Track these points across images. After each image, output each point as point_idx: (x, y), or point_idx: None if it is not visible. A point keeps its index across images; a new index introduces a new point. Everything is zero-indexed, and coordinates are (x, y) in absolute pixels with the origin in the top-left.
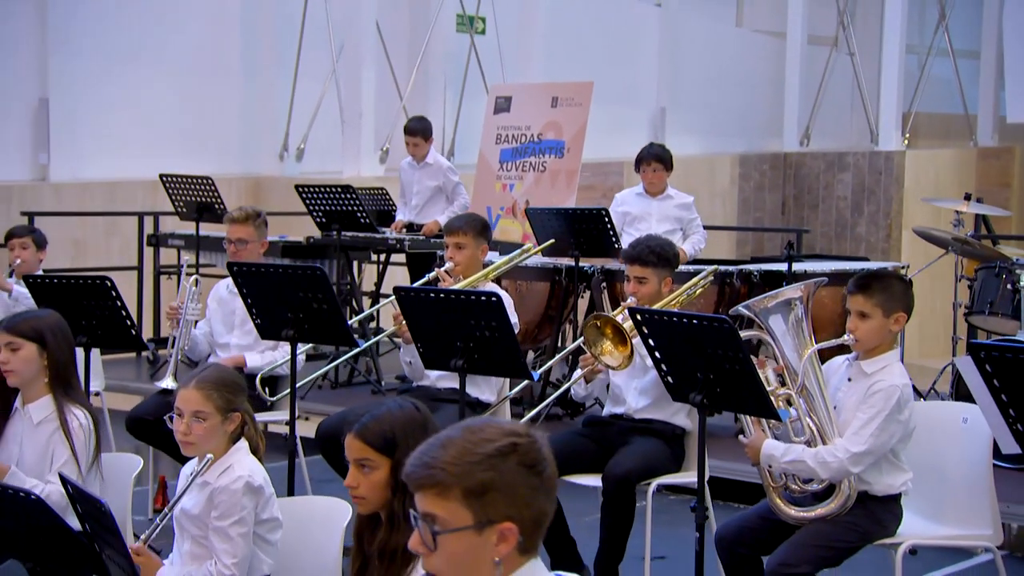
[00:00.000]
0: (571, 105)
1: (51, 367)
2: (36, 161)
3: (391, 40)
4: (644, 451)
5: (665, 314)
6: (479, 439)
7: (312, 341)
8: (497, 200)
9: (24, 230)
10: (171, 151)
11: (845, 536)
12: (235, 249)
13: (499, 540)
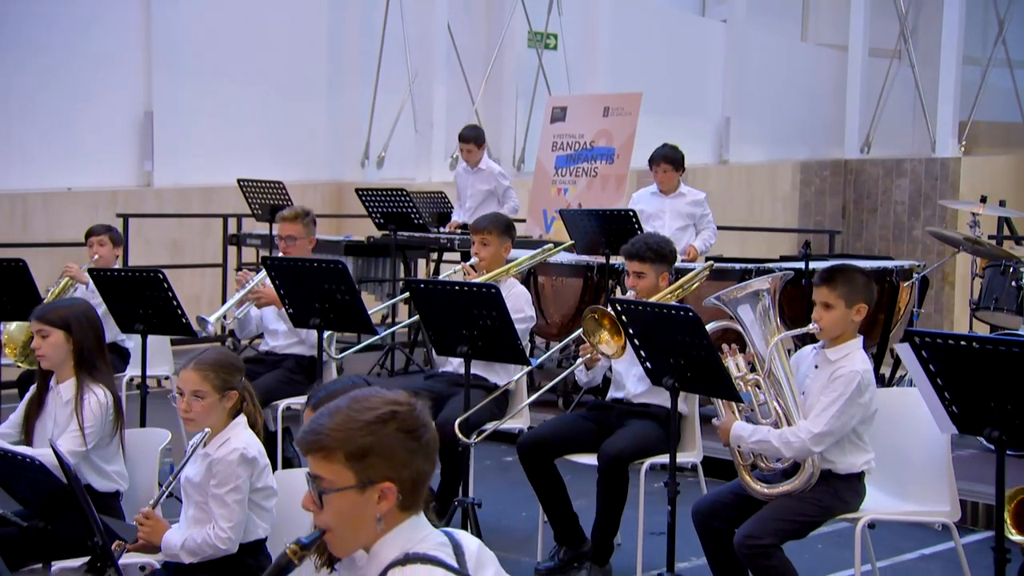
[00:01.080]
0: (621, 114)
1: (76, 351)
2: (141, 168)
3: (466, 56)
4: (638, 433)
5: (640, 304)
6: (362, 407)
7: (336, 329)
8: (552, 203)
9: (102, 228)
10: (263, 159)
11: (808, 511)
12: (285, 245)
13: (380, 498)
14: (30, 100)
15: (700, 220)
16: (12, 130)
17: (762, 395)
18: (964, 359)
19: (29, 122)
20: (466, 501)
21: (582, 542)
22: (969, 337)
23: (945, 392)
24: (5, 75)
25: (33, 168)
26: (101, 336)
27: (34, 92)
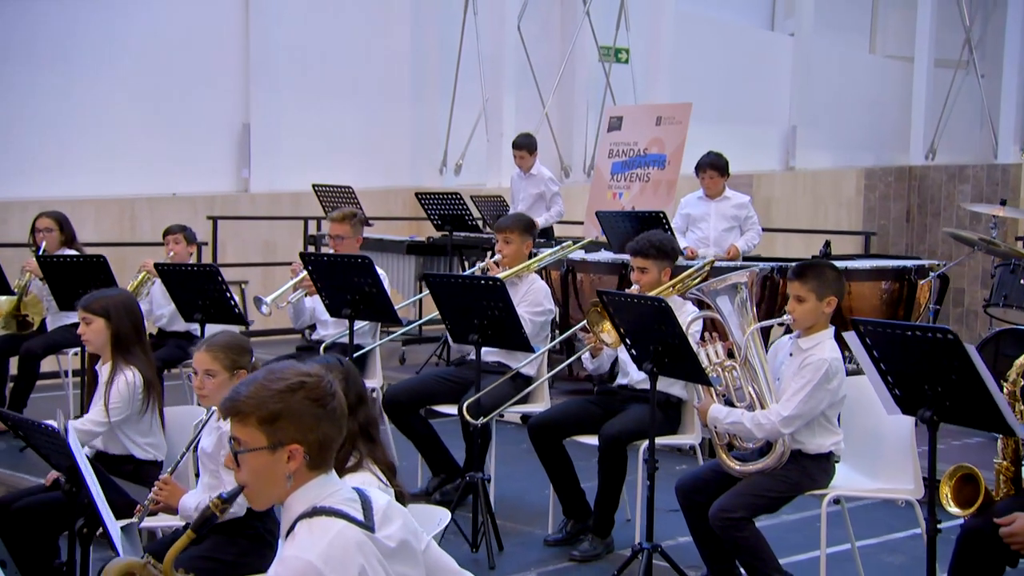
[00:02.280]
0: (673, 123)
1: (114, 336)
2: (239, 175)
3: (539, 69)
4: (636, 416)
5: (622, 295)
6: (275, 378)
7: (365, 318)
8: (608, 207)
9: (177, 228)
10: (351, 166)
11: (778, 487)
12: (334, 243)
13: (289, 459)
14: (138, 114)
15: (744, 222)
16: (121, 141)
17: (738, 380)
18: (900, 346)
19: (137, 133)
20: (477, 476)
21: (588, 516)
22: (903, 325)
23: (888, 376)
24: (115, 91)
25: (141, 175)
26: (139, 324)
27: (142, 106)
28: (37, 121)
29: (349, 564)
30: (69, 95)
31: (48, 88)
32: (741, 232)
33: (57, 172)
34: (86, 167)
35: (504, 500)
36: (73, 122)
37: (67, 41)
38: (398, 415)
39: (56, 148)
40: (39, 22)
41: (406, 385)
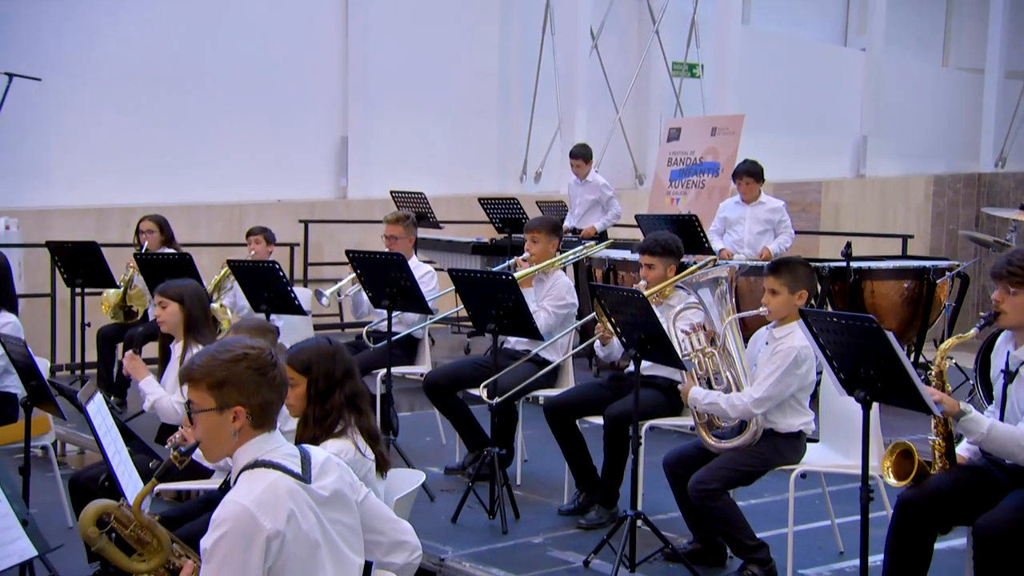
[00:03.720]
0: (726, 134)
1: (186, 319)
2: (338, 184)
3: (615, 83)
4: (641, 398)
5: (611, 288)
6: (223, 351)
7: (401, 309)
8: (666, 211)
9: (259, 229)
10: (440, 175)
11: (751, 463)
12: (389, 243)
13: (234, 418)
14: (247, 128)
15: (778, 225)
16: (232, 152)
17: (718, 365)
18: (838, 333)
19: (244, 145)
20: (492, 451)
21: (598, 489)
22: (838, 314)
23: (833, 361)
24: (226, 108)
25: (248, 183)
26: (207, 308)
27: (250, 121)
28: (159, 135)
29: (279, 508)
30: (186, 112)
31: (168, 106)
32: (775, 235)
33: (176, 180)
34: (200, 176)
35: (529, 475)
36: (189, 136)
37: (183, 64)
38: (437, 397)
39: (175, 159)
40: (160, 46)
41: (444, 370)
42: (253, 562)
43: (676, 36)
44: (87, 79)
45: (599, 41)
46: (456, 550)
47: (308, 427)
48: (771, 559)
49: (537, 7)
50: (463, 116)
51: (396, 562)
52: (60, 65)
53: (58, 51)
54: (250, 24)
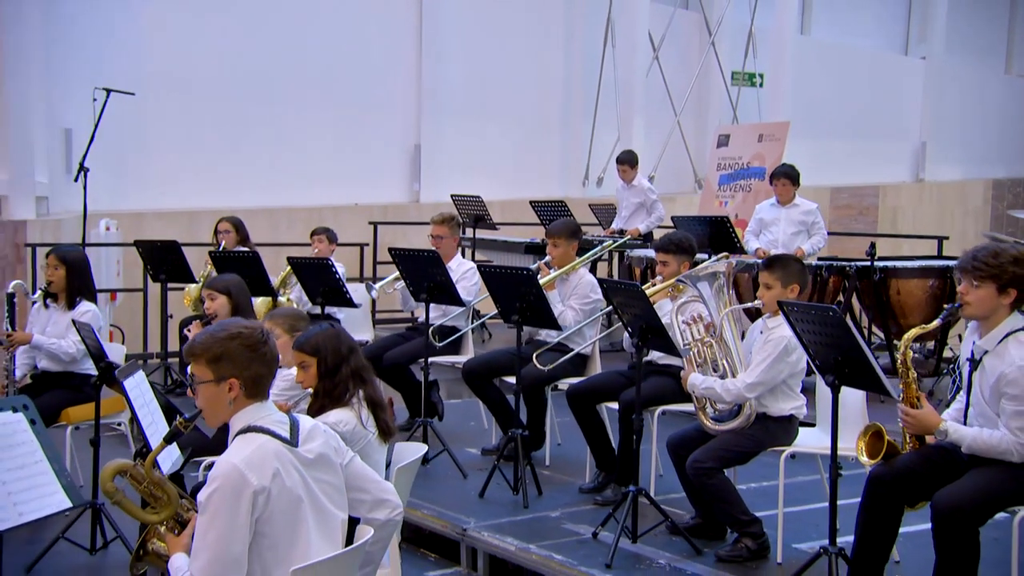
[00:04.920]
0: (772, 140)
1: (233, 309)
2: (411, 188)
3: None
4: (653, 385)
5: (620, 283)
6: (220, 330)
7: (437, 302)
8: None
9: (322, 230)
10: (506, 179)
11: (744, 444)
12: (435, 242)
13: (229, 389)
14: (325, 136)
15: (812, 227)
16: (313, 159)
17: (715, 353)
18: (811, 322)
19: (324, 153)
20: (516, 433)
21: (614, 464)
22: (808, 305)
23: (810, 348)
24: (308, 119)
25: (327, 188)
26: (250, 299)
27: (328, 129)
28: (245, 144)
29: (266, 467)
30: (270, 122)
31: (254, 117)
32: (809, 236)
33: (260, 185)
34: (282, 181)
35: (558, 457)
36: (273, 144)
37: (268, 77)
38: (474, 383)
39: (259, 165)
40: (246, 61)
41: (480, 359)
42: (241, 513)
43: (734, 47)
44: (178, 92)
45: (660, 52)
46: (479, 521)
47: (318, 399)
48: (764, 533)
49: (599, 22)
50: (529, 124)
51: (379, 518)
52: (153, 80)
53: (151, 67)
54: (330, 40)
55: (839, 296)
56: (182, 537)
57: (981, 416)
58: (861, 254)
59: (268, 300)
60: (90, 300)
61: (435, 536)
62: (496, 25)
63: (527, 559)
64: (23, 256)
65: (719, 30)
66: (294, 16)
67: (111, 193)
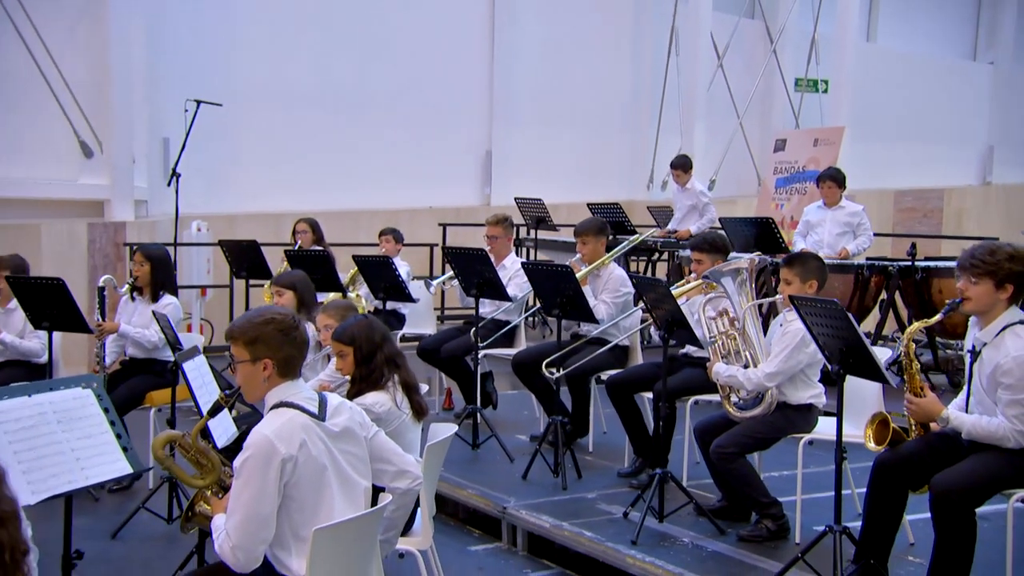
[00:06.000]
0: (827, 144)
1: (299, 302)
2: (483, 192)
3: (739, 97)
4: (686, 376)
5: (645, 279)
6: (256, 315)
7: (487, 297)
8: (772, 215)
9: (389, 230)
10: (573, 183)
11: (765, 431)
12: (489, 242)
13: (264, 369)
14: (402, 143)
15: (857, 228)
16: (388, 165)
17: (738, 345)
18: (817, 315)
19: (402, 159)
20: (556, 419)
21: (649, 450)
22: (813, 300)
23: (819, 340)
24: (383, 124)
25: (404, 192)
26: (314, 292)
27: (405, 137)
28: (327, 150)
29: (294, 438)
30: (350, 130)
31: (335, 125)
32: (855, 237)
33: (341, 189)
34: (362, 185)
35: (601, 444)
36: (353, 150)
37: (348, 87)
38: (523, 373)
39: (340, 170)
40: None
41: (529, 351)
42: (271, 478)
43: (798, 54)
44: (266, 103)
45: (724, 60)
46: (519, 501)
47: (355, 384)
48: (784, 515)
49: (663, 31)
50: (596, 130)
51: (400, 487)
52: (240, 91)
53: (238, 79)
54: (408, 54)
55: (881, 295)
56: (224, 500)
57: (980, 404)
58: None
59: (340, 295)
60: (172, 294)
61: (479, 514)
62: (565, 36)
63: (560, 535)
64: (122, 254)
65: (784, 38)
66: (374, 32)
67: (204, 197)
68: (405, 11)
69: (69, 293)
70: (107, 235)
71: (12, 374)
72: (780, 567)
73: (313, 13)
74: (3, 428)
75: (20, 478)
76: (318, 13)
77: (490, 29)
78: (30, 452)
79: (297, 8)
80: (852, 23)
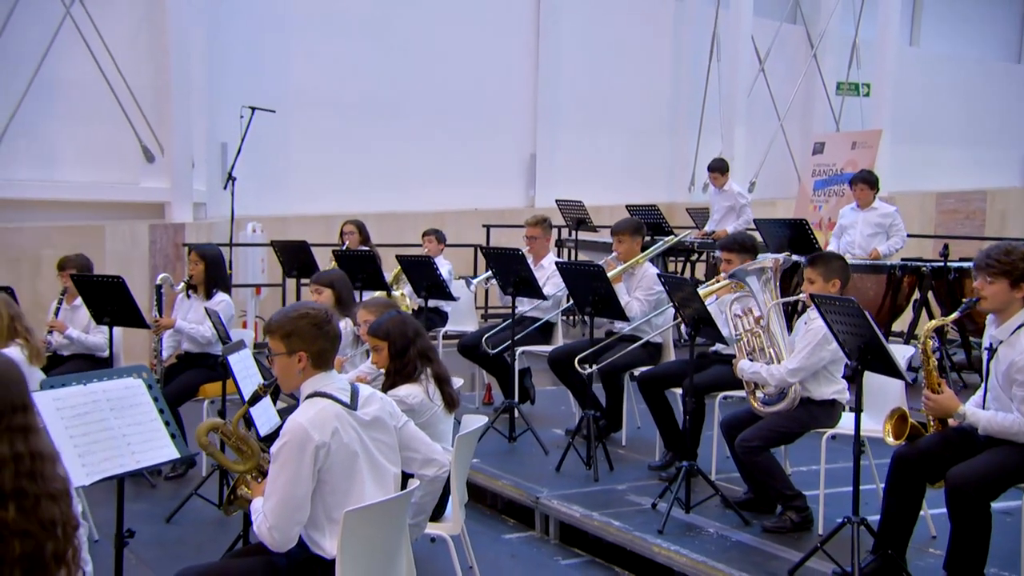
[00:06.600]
0: (865, 147)
1: (337, 300)
2: (527, 194)
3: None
4: (714, 373)
5: (676, 278)
6: (292, 310)
7: (523, 295)
8: (810, 217)
9: (432, 231)
10: (616, 185)
11: (789, 425)
12: (529, 242)
13: (298, 361)
14: (448, 146)
15: (890, 229)
16: (435, 168)
17: (763, 342)
18: (838, 314)
19: (448, 162)
20: (588, 413)
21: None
22: (832, 299)
23: (839, 337)
24: (430, 128)
25: (451, 194)
26: (352, 292)
27: (451, 141)
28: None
29: (327, 426)
30: (399, 134)
31: (384, 129)
32: (887, 238)
33: (388, 191)
34: (409, 188)
35: (634, 438)
36: (401, 154)
37: (397, 93)
38: (559, 369)
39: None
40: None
41: (564, 347)
42: (305, 463)
43: (839, 58)
44: (316, 109)
45: (766, 64)
46: (551, 491)
47: (390, 377)
48: (808, 507)
49: (705, 37)
50: (638, 134)
51: (427, 474)
52: (293, 98)
53: (290, 86)
54: (455, 60)
55: (914, 294)
56: (263, 484)
57: (997, 401)
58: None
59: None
60: (225, 291)
61: (513, 504)
62: (608, 42)
63: (589, 524)
64: (181, 254)
65: (825, 42)
66: (421, 39)
67: (258, 199)
68: (452, 20)
69: (128, 290)
70: (167, 236)
71: (78, 366)
72: (801, 556)
73: (363, 23)
74: (60, 414)
75: (75, 461)
76: (368, 23)
77: (535, 36)
78: (84, 437)
79: (347, 18)
80: (893, 27)
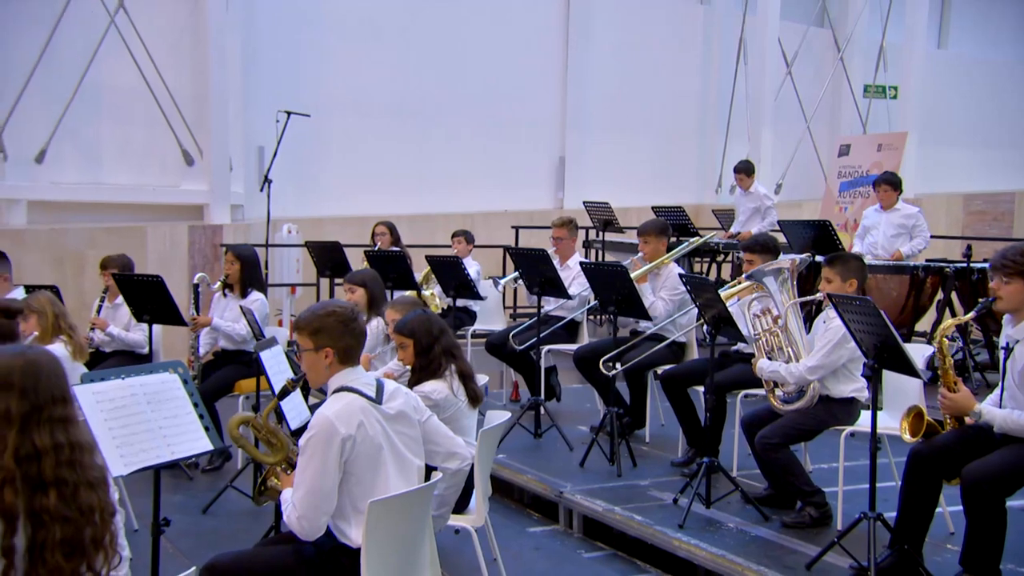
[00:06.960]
0: (890, 149)
1: (369, 299)
2: (556, 196)
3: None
4: (735, 371)
5: (695, 278)
6: (320, 307)
7: (548, 295)
8: (835, 218)
9: (460, 232)
10: (644, 187)
11: (808, 423)
12: (555, 243)
13: (325, 356)
14: (478, 149)
15: (913, 230)
16: (465, 170)
17: (781, 342)
18: (854, 313)
19: (479, 165)
20: (611, 410)
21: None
22: (850, 298)
23: (856, 336)
24: (461, 132)
25: (481, 196)
26: (384, 291)
27: (481, 144)
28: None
29: (353, 419)
30: (430, 137)
31: (415, 133)
32: (911, 239)
33: (420, 194)
34: (440, 190)
35: (658, 435)
36: (432, 157)
37: (428, 97)
38: (584, 368)
39: (420, 176)
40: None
41: (589, 346)
42: (332, 455)
43: (866, 61)
44: (350, 113)
45: (793, 67)
46: (575, 486)
47: (415, 373)
48: (827, 503)
49: (732, 41)
50: (666, 137)
51: (450, 467)
52: (328, 102)
53: (325, 91)
54: (485, 65)
55: (937, 295)
56: (292, 475)
57: (1013, 399)
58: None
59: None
60: (260, 290)
61: (538, 498)
62: (636, 46)
63: (612, 519)
64: (219, 255)
65: (852, 45)
66: (452, 44)
67: (294, 201)
68: (483, 24)
69: (167, 289)
70: (206, 237)
71: (119, 362)
72: (819, 551)
73: (395, 29)
74: (99, 407)
75: (113, 451)
76: (400, 29)
77: (564, 39)
78: (122, 429)
79: (380, 24)
80: (921, 30)
